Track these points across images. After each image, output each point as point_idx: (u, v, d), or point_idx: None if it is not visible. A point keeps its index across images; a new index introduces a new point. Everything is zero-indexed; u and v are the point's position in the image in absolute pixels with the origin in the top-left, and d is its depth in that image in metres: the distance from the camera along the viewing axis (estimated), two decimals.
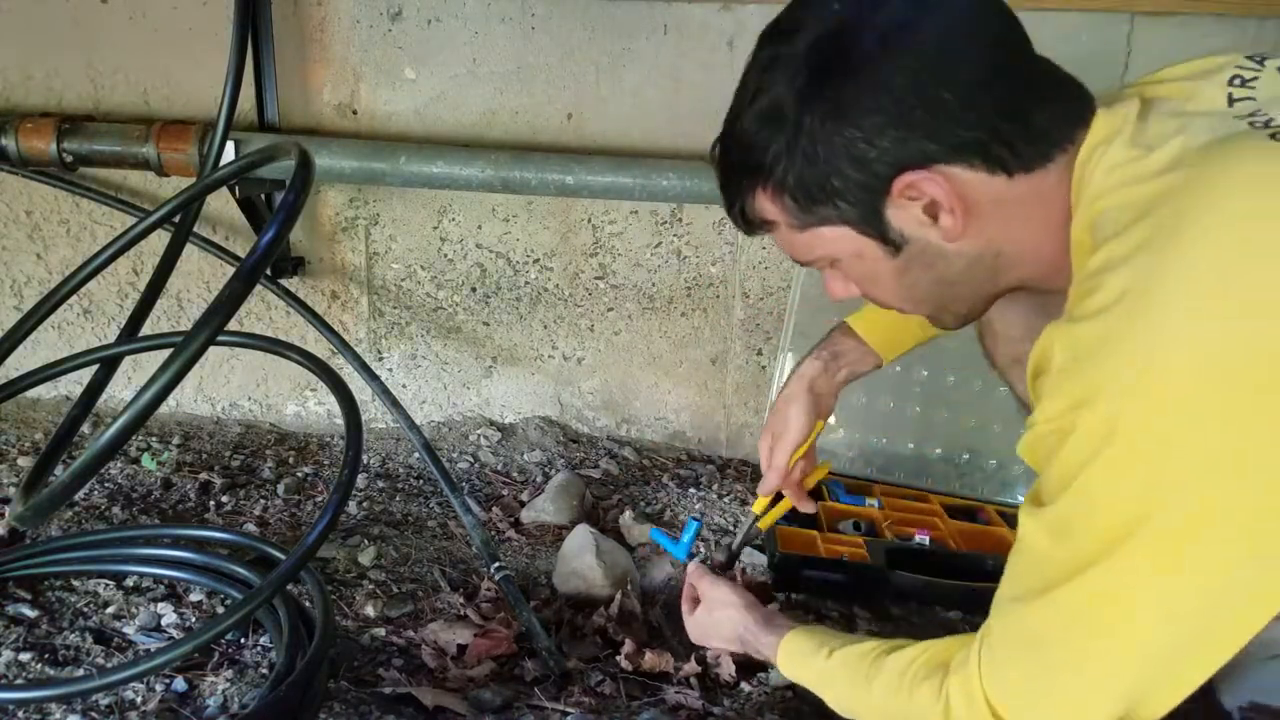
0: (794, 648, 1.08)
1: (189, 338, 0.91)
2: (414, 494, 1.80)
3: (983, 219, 0.84)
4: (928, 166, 0.81)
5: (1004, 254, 0.88)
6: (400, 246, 2.01)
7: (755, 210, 0.92)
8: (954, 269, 0.89)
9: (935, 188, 0.82)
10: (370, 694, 1.17)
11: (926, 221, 0.84)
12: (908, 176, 0.81)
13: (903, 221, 0.86)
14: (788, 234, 0.92)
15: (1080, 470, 0.72)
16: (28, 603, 1.30)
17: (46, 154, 1.82)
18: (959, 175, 0.82)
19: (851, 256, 0.91)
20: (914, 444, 1.89)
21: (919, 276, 0.90)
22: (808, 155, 0.83)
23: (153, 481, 1.74)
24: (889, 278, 0.92)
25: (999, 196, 0.83)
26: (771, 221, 0.92)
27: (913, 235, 0.86)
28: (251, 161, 1.29)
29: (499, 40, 1.87)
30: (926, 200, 0.83)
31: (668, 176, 1.75)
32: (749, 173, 0.89)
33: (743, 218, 0.94)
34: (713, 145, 0.95)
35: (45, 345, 2.03)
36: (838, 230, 0.88)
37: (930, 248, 0.87)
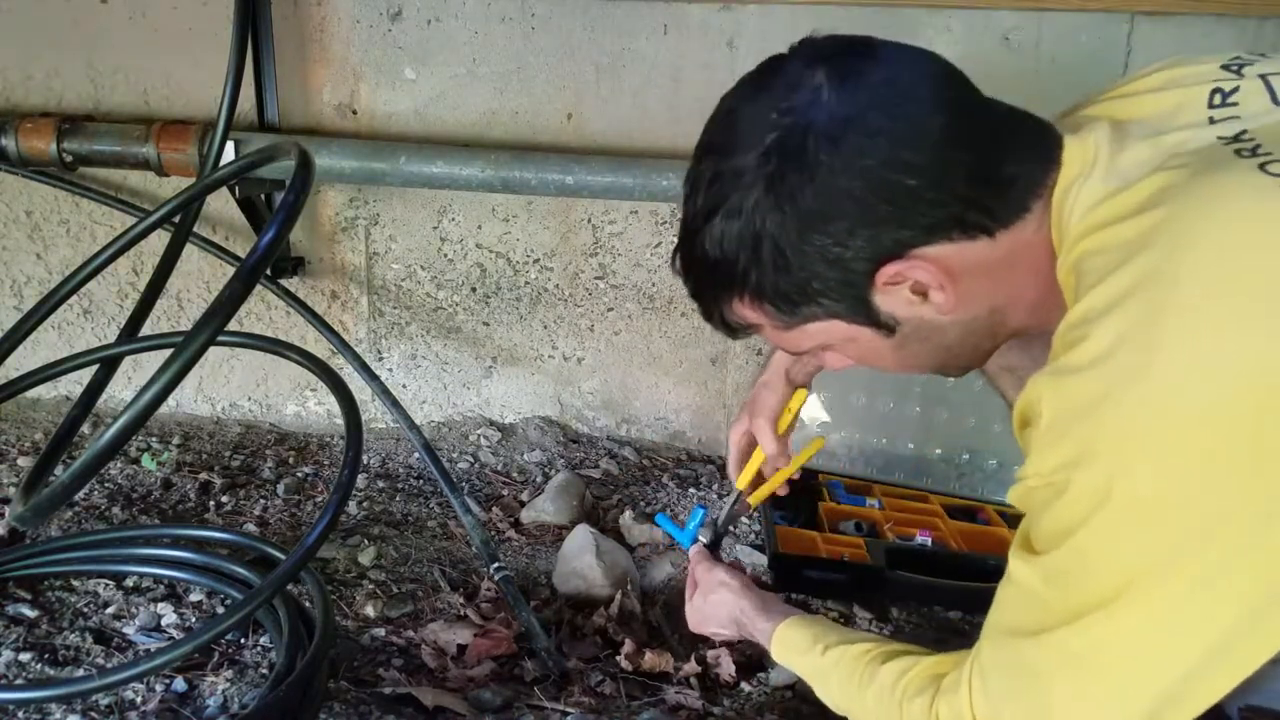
0: (789, 638, 1.08)
1: (189, 338, 0.91)
2: (414, 494, 1.80)
3: (972, 284, 0.82)
4: (905, 255, 0.79)
5: (998, 309, 0.86)
6: (400, 246, 2.01)
7: (736, 317, 0.89)
8: (950, 336, 0.87)
9: (919, 272, 0.79)
10: (370, 694, 1.17)
11: (916, 300, 0.82)
12: (889, 268, 0.79)
13: (892, 305, 0.83)
14: (775, 333, 0.89)
15: (1075, 529, 0.71)
16: (28, 603, 1.30)
17: (46, 154, 1.82)
18: (941, 253, 0.79)
19: (845, 342, 0.89)
20: (914, 444, 1.89)
21: (918, 348, 0.88)
22: (779, 266, 0.81)
23: (153, 481, 1.74)
24: (887, 354, 0.90)
25: (984, 260, 0.81)
26: (755, 325, 0.89)
27: (905, 316, 0.84)
28: (251, 161, 1.29)
29: (499, 40, 1.87)
30: (912, 282, 0.81)
31: (668, 176, 1.75)
32: (722, 286, 0.86)
33: (724, 325, 0.91)
34: (671, 258, 0.90)
35: (45, 345, 2.03)
36: (826, 324, 0.86)
37: (925, 323, 0.85)
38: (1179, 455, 0.66)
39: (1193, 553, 0.67)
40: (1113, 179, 0.76)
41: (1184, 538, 0.67)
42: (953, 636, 1.44)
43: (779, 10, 1.79)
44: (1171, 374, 0.66)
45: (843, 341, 0.89)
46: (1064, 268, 0.78)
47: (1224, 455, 0.65)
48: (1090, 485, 0.69)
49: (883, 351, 0.89)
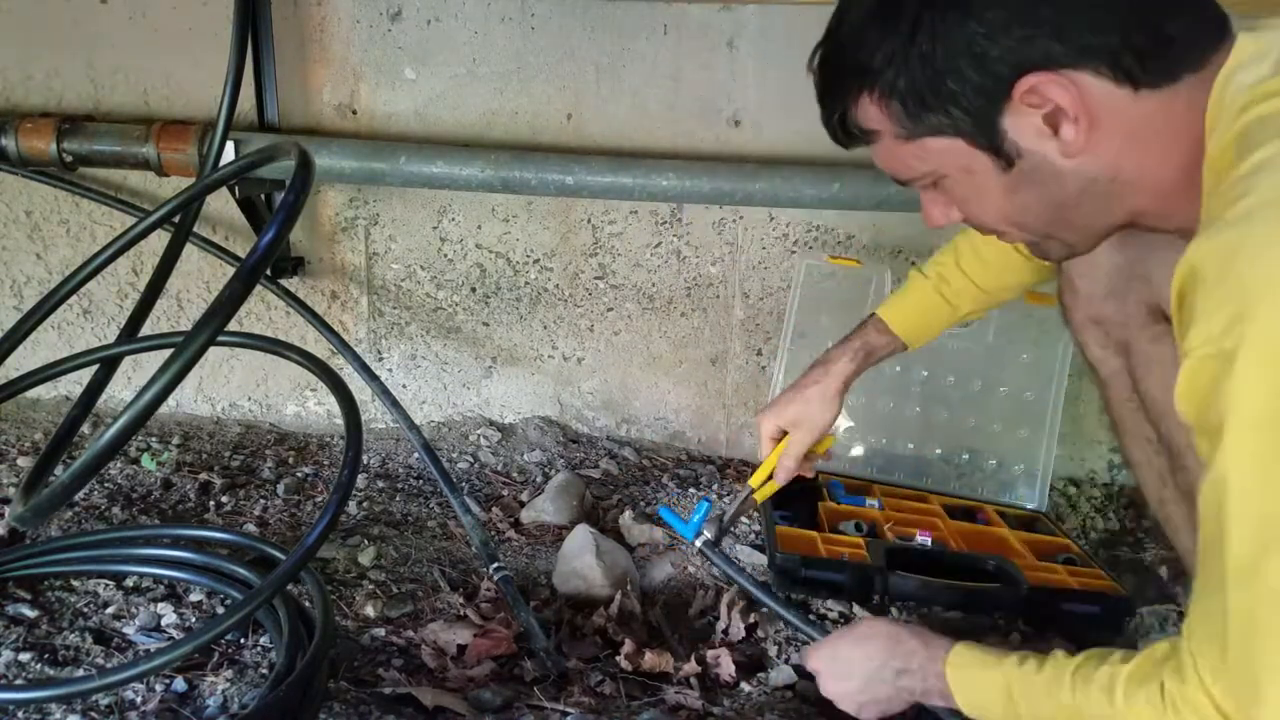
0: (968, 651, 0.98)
1: (189, 338, 0.91)
2: (414, 494, 1.80)
3: (1105, 136, 0.78)
4: (1053, 69, 0.75)
5: (1121, 179, 0.82)
6: (400, 246, 2.01)
7: (858, 118, 0.85)
8: (1068, 190, 0.83)
9: (1061, 93, 0.76)
10: (370, 694, 1.17)
11: (1046, 133, 0.79)
12: (1031, 79, 0.76)
13: (1020, 132, 0.80)
14: (891, 145, 0.85)
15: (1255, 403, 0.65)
16: (28, 603, 1.30)
17: (46, 154, 1.82)
18: (1085, 81, 0.76)
19: (959, 172, 0.85)
20: (914, 444, 1.89)
21: (1030, 197, 0.84)
22: (923, 53, 0.77)
23: (152, 482, 1.74)
24: (998, 196, 0.85)
25: (1123, 112, 0.77)
26: (874, 131, 0.85)
27: (1029, 148, 0.80)
28: (251, 162, 1.29)
29: (499, 40, 1.87)
30: (1049, 108, 0.77)
31: (667, 176, 1.75)
32: (856, 75, 0.82)
33: (842, 128, 0.87)
34: (813, 52, 0.87)
35: (45, 345, 2.03)
36: (947, 142, 0.82)
37: (1046, 164, 0.81)
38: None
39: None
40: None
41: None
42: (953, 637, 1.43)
43: (779, 10, 1.79)
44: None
45: (957, 172, 0.85)
46: (1220, 142, 0.75)
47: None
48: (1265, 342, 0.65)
49: (994, 192, 0.85)
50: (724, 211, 1.93)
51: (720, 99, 1.87)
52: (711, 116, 1.88)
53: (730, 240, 1.95)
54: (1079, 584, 1.48)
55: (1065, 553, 1.61)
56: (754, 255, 1.95)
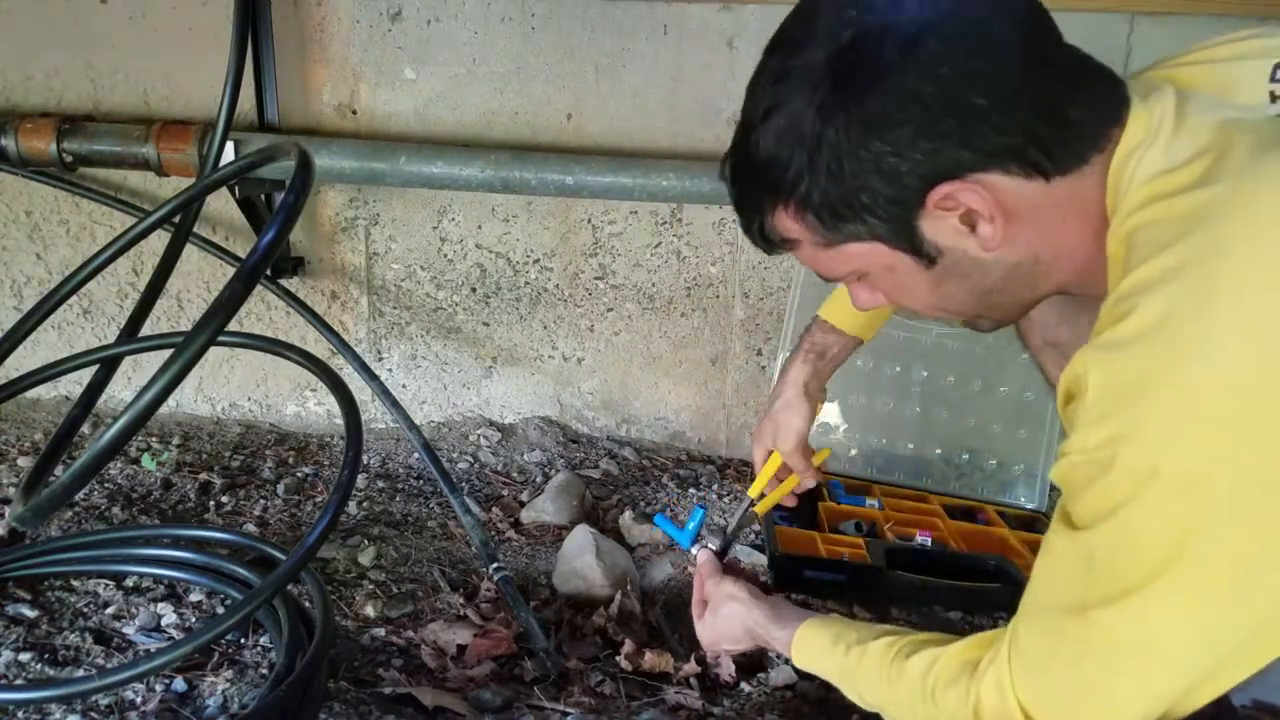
0: (808, 643, 1.06)
1: (189, 338, 0.91)
2: (414, 494, 1.80)
3: (1021, 225, 0.80)
4: (962, 177, 0.77)
5: (1042, 260, 0.84)
6: (400, 247, 2.01)
7: (776, 230, 0.87)
8: (991, 278, 0.85)
9: (974, 198, 0.78)
10: (370, 694, 1.17)
11: (963, 231, 0.80)
12: (943, 188, 0.77)
13: (937, 233, 0.81)
14: (812, 251, 0.87)
15: (1120, 507, 0.70)
16: (28, 603, 1.30)
17: (46, 154, 1.82)
18: (996, 182, 0.77)
19: (882, 270, 0.87)
20: (914, 444, 1.89)
21: (955, 287, 0.86)
22: (832, 172, 0.78)
23: (152, 482, 1.74)
24: (923, 289, 0.87)
25: (1036, 202, 0.79)
26: (794, 240, 0.87)
27: (948, 246, 0.82)
28: (251, 162, 1.29)
29: (499, 40, 1.87)
30: (963, 210, 0.79)
31: (667, 176, 1.75)
32: (768, 191, 0.84)
33: (762, 237, 0.89)
34: (722, 162, 0.89)
35: (45, 345, 2.03)
36: (868, 246, 0.84)
37: (967, 258, 0.83)
38: (1229, 430, 0.66)
39: (1240, 525, 0.68)
40: (1173, 152, 0.75)
41: (1229, 510, 0.67)
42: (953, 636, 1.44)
43: (779, 10, 1.78)
44: (1221, 351, 0.66)
45: (880, 270, 0.87)
46: (1115, 238, 0.77)
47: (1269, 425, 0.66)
48: (1136, 462, 0.69)
49: (919, 285, 0.87)
50: (724, 211, 1.93)
51: (720, 99, 1.87)
52: (711, 116, 1.88)
53: (730, 240, 1.95)
54: None
55: None
56: (754, 255, 1.95)
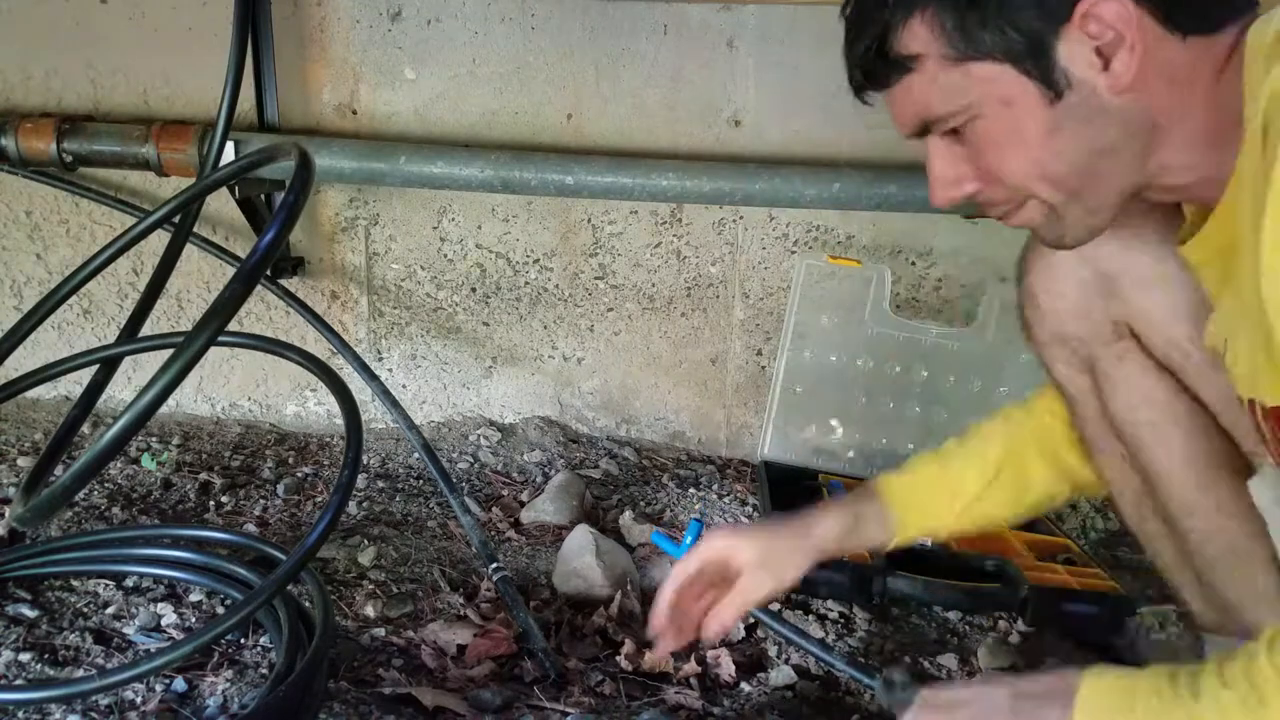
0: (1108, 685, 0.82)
1: (189, 339, 0.91)
2: (414, 494, 1.80)
3: (1151, 76, 0.78)
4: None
5: (1160, 127, 0.81)
6: (400, 247, 2.01)
7: (902, 41, 0.81)
8: (1109, 134, 0.81)
9: (1121, 13, 0.75)
10: (370, 694, 1.17)
11: (1097, 65, 0.77)
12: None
13: (1072, 60, 0.78)
14: (933, 72, 0.81)
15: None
16: (28, 603, 1.30)
17: (46, 154, 1.82)
18: (1141, 17, 0.76)
19: (998, 105, 0.81)
20: (914, 444, 1.88)
21: (1069, 138, 0.81)
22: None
23: (152, 482, 1.74)
24: (1037, 136, 0.81)
25: (1169, 56, 0.78)
26: (916, 56, 0.81)
27: (1078, 79, 0.78)
28: (251, 162, 1.29)
29: (499, 40, 1.87)
30: (1105, 38, 0.76)
31: (667, 176, 1.75)
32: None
33: (880, 57, 0.83)
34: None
35: (45, 345, 2.03)
36: (995, 68, 0.79)
37: (1093, 99, 0.79)
38: None
39: None
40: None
41: None
42: (953, 637, 1.44)
43: (779, 10, 1.80)
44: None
45: (995, 105, 0.81)
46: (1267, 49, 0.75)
47: None
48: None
49: (1031, 131, 0.81)
50: (724, 211, 1.93)
51: (720, 99, 1.87)
52: (711, 116, 1.88)
53: (730, 240, 1.95)
54: (1079, 584, 1.47)
55: (1065, 553, 1.61)
56: (754, 255, 1.95)
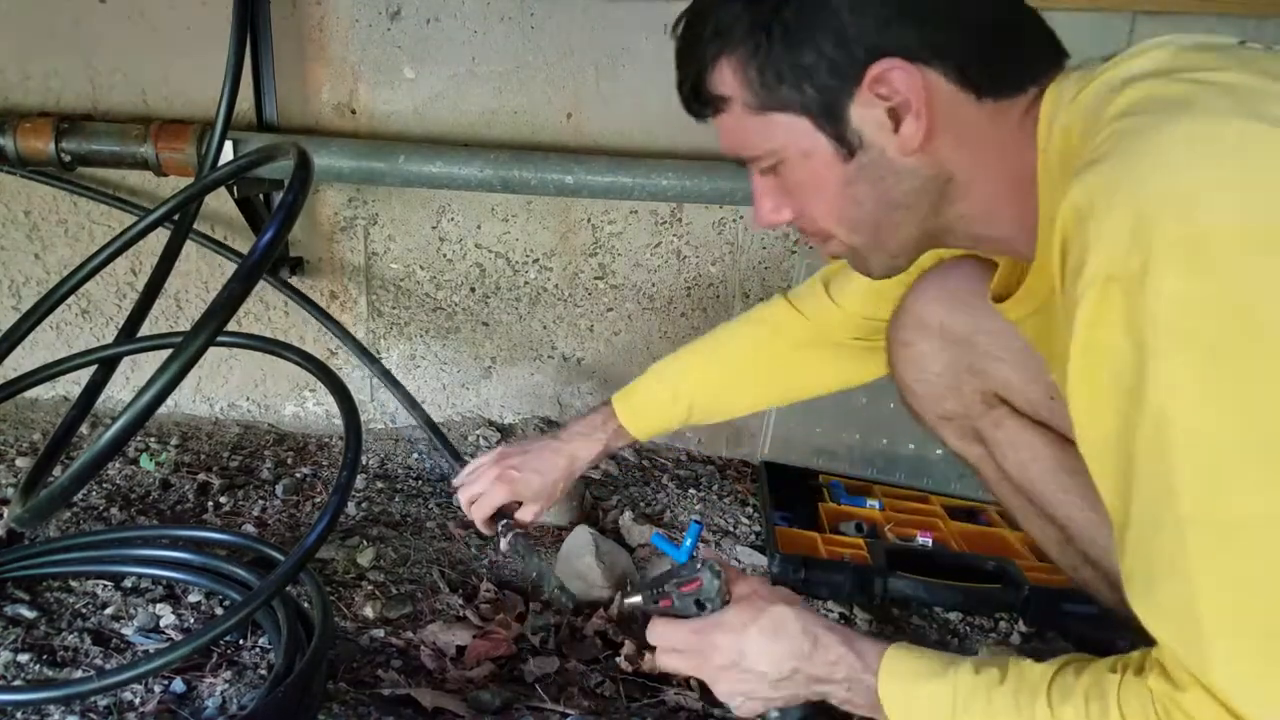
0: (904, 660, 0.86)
1: (188, 339, 0.90)
2: (413, 495, 1.79)
3: (942, 136, 0.81)
4: (905, 60, 0.78)
5: (955, 182, 0.84)
6: (399, 246, 2.00)
7: (712, 83, 0.85)
8: (901, 189, 0.84)
9: (910, 85, 0.78)
10: (369, 695, 1.17)
11: (887, 126, 0.80)
12: (884, 64, 0.78)
13: (863, 121, 0.81)
14: (739, 117, 0.85)
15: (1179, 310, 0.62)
16: (26, 603, 1.30)
17: (45, 154, 1.81)
18: (932, 80, 0.79)
19: (798, 155, 0.85)
20: (915, 445, 1.88)
21: (864, 191, 0.85)
22: (787, 24, 0.79)
23: (151, 482, 1.74)
24: (832, 188, 0.85)
25: (964, 117, 0.80)
26: (725, 99, 0.85)
27: (870, 140, 0.82)
28: (250, 161, 1.29)
29: (498, 39, 1.87)
30: (895, 100, 0.79)
31: (667, 176, 1.75)
32: (716, 38, 0.83)
33: (694, 94, 0.88)
34: (679, 17, 0.88)
35: (43, 345, 2.03)
36: (794, 120, 0.83)
37: (883, 159, 0.82)
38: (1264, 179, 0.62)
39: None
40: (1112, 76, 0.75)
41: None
42: (953, 638, 1.44)
43: None
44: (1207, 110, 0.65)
45: (796, 157, 0.85)
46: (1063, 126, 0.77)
47: None
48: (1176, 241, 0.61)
49: (830, 182, 0.85)
50: (724, 211, 1.93)
51: None
52: None
53: (730, 240, 1.94)
54: None
55: None
56: (754, 255, 1.95)
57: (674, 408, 1.32)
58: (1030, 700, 0.76)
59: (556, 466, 1.31)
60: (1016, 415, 1.15)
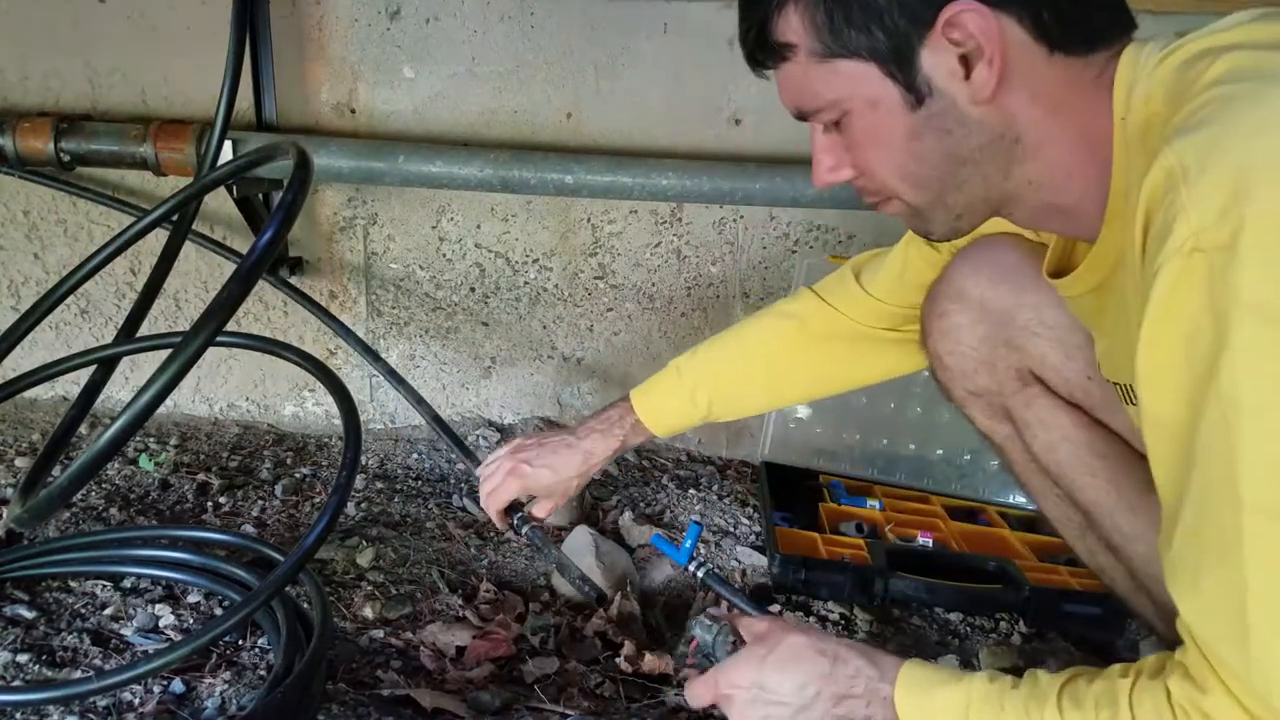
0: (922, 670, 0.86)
1: (187, 339, 0.90)
2: (412, 495, 1.79)
3: (1014, 90, 0.78)
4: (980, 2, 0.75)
5: (1024, 142, 0.81)
6: (399, 246, 2.00)
7: (778, 28, 0.82)
8: (969, 143, 0.82)
9: (984, 29, 0.75)
10: (368, 696, 1.17)
11: (959, 74, 0.78)
12: (958, 6, 0.75)
13: (934, 68, 0.78)
14: (804, 64, 0.82)
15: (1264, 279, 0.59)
16: (25, 604, 1.30)
17: (44, 154, 1.81)
18: (1007, 27, 0.76)
19: (864, 105, 0.82)
20: (915, 445, 1.88)
21: (931, 144, 0.82)
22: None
23: (150, 482, 1.73)
24: (898, 139, 0.83)
25: (1036, 71, 0.78)
26: (791, 45, 0.82)
27: (940, 87, 0.79)
28: (249, 161, 1.29)
29: (498, 39, 1.86)
30: (967, 46, 0.77)
31: (667, 176, 1.75)
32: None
33: (759, 43, 0.85)
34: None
35: (43, 345, 2.03)
36: (861, 67, 0.80)
37: (954, 109, 0.80)
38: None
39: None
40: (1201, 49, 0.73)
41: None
42: (953, 638, 1.43)
43: None
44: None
45: (862, 106, 0.82)
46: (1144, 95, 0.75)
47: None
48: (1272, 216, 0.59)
49: (896, 133, 0.82)
50: (724, 211, 1.93)
51: (720, 98, 1.86)
52: (712, 115, 1.87)
53: (731, 240, 1.94)
54: (1080, 585, 1.47)
55: (1067, 553, 1.61)
56: (754, 255, 1.95)
57: (694, 403, 1.31)
58: (1040, 706, 0.76)
59: (571, 464, 1.30)
60: (1049, 394, 1.13)
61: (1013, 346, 1.14)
